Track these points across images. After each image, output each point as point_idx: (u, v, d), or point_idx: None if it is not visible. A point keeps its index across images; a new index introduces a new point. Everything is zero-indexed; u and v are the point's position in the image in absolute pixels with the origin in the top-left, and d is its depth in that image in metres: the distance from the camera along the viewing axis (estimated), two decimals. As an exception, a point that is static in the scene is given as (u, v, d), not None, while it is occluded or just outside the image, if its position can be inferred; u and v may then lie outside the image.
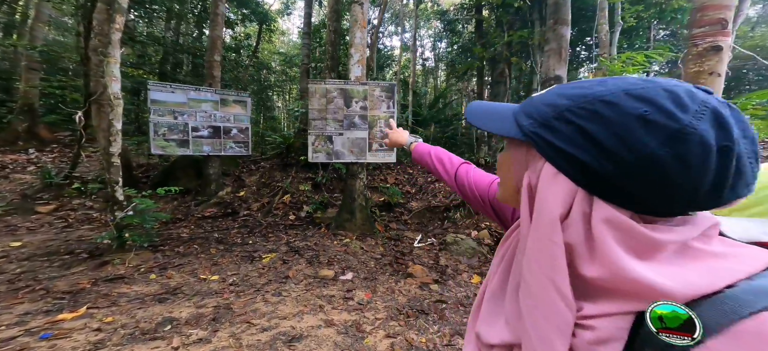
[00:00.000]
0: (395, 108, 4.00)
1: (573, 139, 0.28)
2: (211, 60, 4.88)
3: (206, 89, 4.67)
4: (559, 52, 3.00)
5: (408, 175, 6.03)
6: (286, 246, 3.73)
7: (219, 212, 4.54)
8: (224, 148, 4.75)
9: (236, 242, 3.72)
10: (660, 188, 0.26)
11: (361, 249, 3.64)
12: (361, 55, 4.04)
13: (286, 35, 22.56)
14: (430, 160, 0.81)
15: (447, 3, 15.86)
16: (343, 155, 4.02)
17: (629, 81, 0.28)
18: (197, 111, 4.46)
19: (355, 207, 4.10)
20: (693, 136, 0.24)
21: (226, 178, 5.35)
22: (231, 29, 11.00)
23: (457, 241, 3.33)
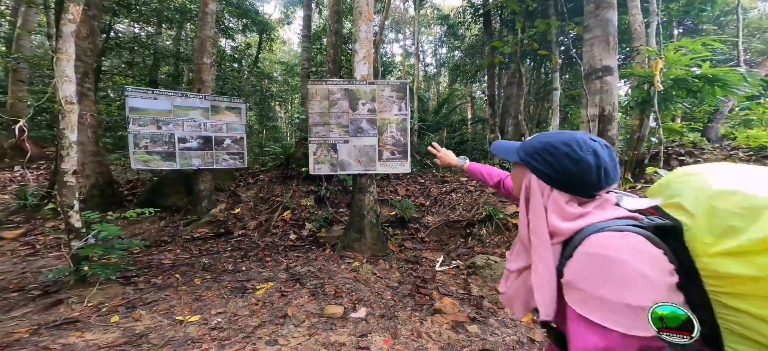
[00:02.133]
0: (408, 110, 3.51)
1: (543, 162, 0.61)
2: (201, 63, 4.44)
3: (195, 95, 4.21)
4: (605, 40, 2.51)
5: (419, 186, 5.50)
6: (285, 272, 3.18)
7: (210, 232, 4.02)
8: (216, 160, 4.26)
9: (227, 269, 3.18)
10: (576, 183, 0.58)
11: (374, 274, 3.09)
12: (367, 51, 3.57)
13: (287, 44, 22.53)
14: (481, 176, 1.14)
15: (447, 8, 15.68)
16: (349, 166, 3.51)
17: (563, 135, 0.62)
18: (184, 120, 4.00)
19: (364, 225, 3.57)
20: (583, 161, 0.57)
21: (219, 194, 4.85)
22: (231, 40, 10.77)
23: (489, 263, 2.76)
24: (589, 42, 2.61)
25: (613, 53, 2.47)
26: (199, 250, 3.60)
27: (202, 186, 4.37)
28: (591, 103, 2.43)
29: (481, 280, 2.73)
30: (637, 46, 3.83)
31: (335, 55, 6.61)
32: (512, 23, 6.91)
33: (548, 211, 0.58)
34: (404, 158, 3.49)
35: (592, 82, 2.49)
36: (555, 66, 3.62)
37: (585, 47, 2.64)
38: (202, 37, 4.63)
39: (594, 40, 2.58)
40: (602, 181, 0.56)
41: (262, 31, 12.18)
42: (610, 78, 2.43)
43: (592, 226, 0.53)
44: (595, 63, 2.53)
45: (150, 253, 3.42)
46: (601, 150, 0.57)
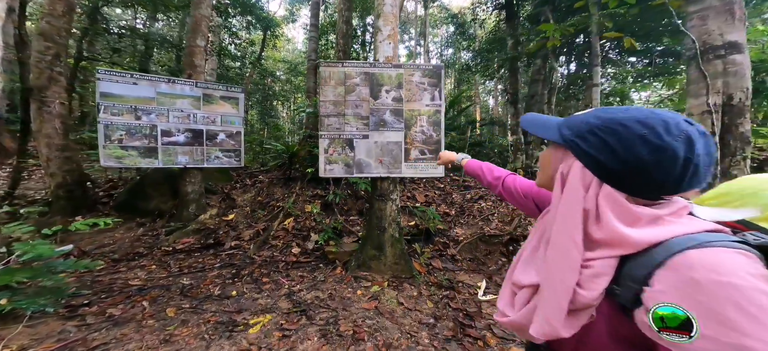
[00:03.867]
0: (442, 100, 2.87)
1: (597, 146, 0.45)
2: (193, 45, 3.81)
3: (184, 81, 3.57)
4: (728, 9, 1.90)
5: (439, 191, 4.84)
6: (287, 299, 2.52)
7: (197, 243, 3.35)
8: (207, 158, 3.61)
9: (212, 294, 2.51)
10: (643, 180, 0.43)
11: (400, 304, 2.42)
12: (392, 28, 2.95)
13: (291, 43, 22.10)
14: (481, 173, 1.01)
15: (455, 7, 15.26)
16: (368, 167, 2.86)
17: (640, 112, 0.44)
18: (170, 109, 3.35)
19: (384, 239, 2.90)
20: (668, 150, 0.40)
21: (210, 197, 4.19)
22: (236, 37, 10.32)
23: (556, 299, 2.09)
24: (699, 14, 1.99)
25: (741, 25, 1.86)
26: (180, 266, 2.92)
27: (189, 188, 3.71)
28: (712, 89, 1.79)
29: (547, 320, 2.06)
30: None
31: (346, 46, 6.02)
32: (536, 16, 6.34)
33: (602, 212, 0.44)
34: (437, 159, 2.85)
35: (711, 63, 1.84)
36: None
37: (692, 21, 2.01)
38: (197, 15, 4.02)
39: (708, 10, 1.96)
40: (686, 181, 0.42)
41: (266, 28, 11.72)
42: (740, 57, 1.82)
43: (683, 238, 0.40)
44: (713, 39, 1.90)
45: (117, 270, 2.75)
46: (697, 138, 0.41)
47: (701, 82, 1.93)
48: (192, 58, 3.81)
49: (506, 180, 0.91)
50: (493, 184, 0.95)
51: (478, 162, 1.06)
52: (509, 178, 0.91)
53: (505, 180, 0.91)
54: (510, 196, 0.88)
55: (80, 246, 3.00)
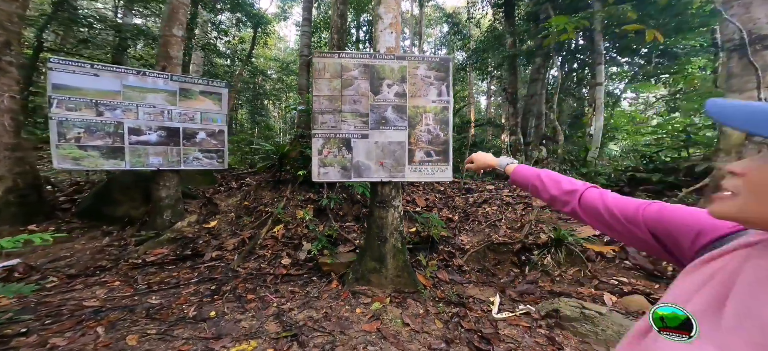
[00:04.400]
0: (451, 95, 2.61)
1: None
2: (169, 34, 3.41)
3: (157, 74, 3.18)
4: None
5: (440, 194, 4.59)
6: (275, 320, 2.20)
7: (171, 254, 2.97)
8: (185, 159, 3.23)
9: (186, 316, 2.16)
10: None
11: (405, 325, 2.13)
12: (394, 16, 2.68)
13: (283, 41, 21.56)
14: (540, 184, 0.75)
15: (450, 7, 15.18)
16: (367, 170, 2.57)
17: None
18: (140, 105, 2.97)
19: (385, 250, 2.61)
20: None
21: (190, 203, 3.79)
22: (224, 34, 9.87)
23: (586, 314, 1.85)
24: (741, 2, 1.78)
25: None
26: (149, 282, 2.54)
27: (163, 192, 3.30)
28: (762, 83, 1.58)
29: (576, 340, 1.80)
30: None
31: (340, 41, 5.72)
32: (535, 13, 6.21)
33: None
34: (444, 161, 2.58)
35: (758, 54, 1.64)
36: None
37: (732, 10, 1.81)
38: (174, 2, 3.63)
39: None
40: None
41: (257, 25, 11.31)
42: None
43: None
44: (759, 28, 1.71)
45: (72, 288, 2.35)
46: None
47: (747, 74, 1.73)
48: (167, 48, 3.41)
49: (585, 196, 0.67)
50: (561, 200, 0.71)
51: (533, 169, 0.82)
52: (590, 194, 0.66)
53: (584, 196, 0.67)
54: (594, 218, 0.64)
55: (29, 260, 2.58)
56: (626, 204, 0.59)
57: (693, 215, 0.50)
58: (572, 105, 7.10)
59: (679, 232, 0.50)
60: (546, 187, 0.75)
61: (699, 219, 0.49)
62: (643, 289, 2.11)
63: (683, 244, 0.49)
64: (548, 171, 0.79)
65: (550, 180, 0.75)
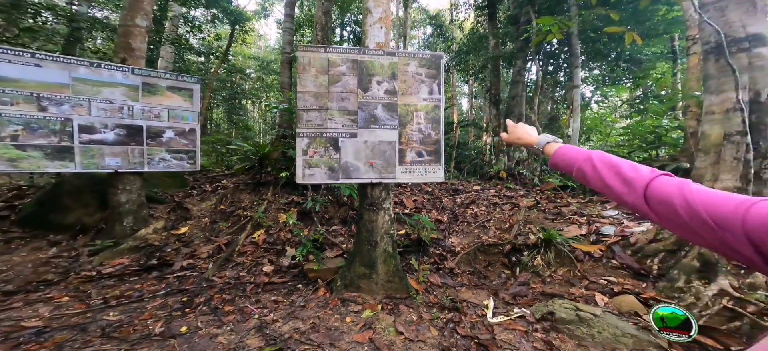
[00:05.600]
0: (442, 94, 2.54)
1: None
2: (131, 24, 3.08)
3: (115, 67, 2.86)
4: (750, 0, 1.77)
5: (428, 195, 4.54)
6: (257, 334, 2.02)
7: (134, 265, 2.65)
8: (149, 160, 2.93)
9: (152, 333, 1.91)
10: None
11: (399, 333, 2.02)
12: (384, 10, 2.57)
13: (263, 39, 20.80)
14: (589, 168, 0.60)
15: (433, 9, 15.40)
16: (356, 171, 2.44)
17: None
18: (93, 100, 2.65)
19: (375, 255, 2.49)
20: None
21: (156, 208, 3.44)
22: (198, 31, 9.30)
23: (581, 316, 1.83)
24: (718, 5, 1.86)
25: (763, 17, 1.77)
26: (105, 297, 2.24)
27: (123, 196, 2.96)
28: (741, 83, 1.63)
29: (573, 343, 1.78)
30: (691, 34, 3.34)
31: (324, 39, 5.54)
32: (516, 17, 6.39)
33: None
34: (436, 161, 2.51)
35: (734, 57, 1.70)
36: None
37: (708, 13, 1.87)
38: (140, -13, 3.29)
39: (726, 1, 1.82)
40: None
41: (235, 22, 10.79)
42: (765, 50, 1.70)
43: None
44: (736, 31, 1.76)
45: (8, 306, 2.01)
46: None
47: (724, 76, 1.80)
48: (127, 39, 3.06)
49: (655, 186, 0.50)
50: (620, 192, 0.54)
51: (582, 150, 0.65)
52: (662, 184, 0.49)
53: (653, 186, 0.50)
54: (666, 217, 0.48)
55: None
56: (718, 201, 0.43)
57: None
58: (548, 107, 7.39)
59: None
60: (599, 173, 0.58)
61: None
62: (632, 289, 2.15)
63: None
64: (602, 152, 0.62)
65: (604, 164, 0.59)
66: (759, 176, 1.67)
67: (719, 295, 1.81)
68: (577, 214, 3.51)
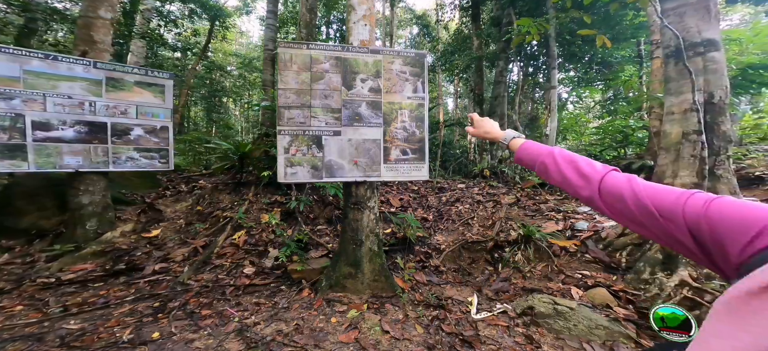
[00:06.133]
0: (426, 92, 2.56)
1: None
2: (93, 16, 2.86)
3: (74, 60, 2.66)
4: (704, 6, 1.92)
5: (414, 193, 4.56)
6: (237, 338, 1.95)
7: (98, 270, 2.47)
8: (115, 159, 2.74)
9: (119, 340, 1.79)
10: None
11: (385, 333, 2.02)
12: (368, 8, 2.55)
13: (245, 37, 20.09)
14: (551, 163, 0.63)
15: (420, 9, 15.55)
16: (340, 169, 2.40)
17: None
18: (49, 94, 2.45)
19: (361, 254, 2.47)
20: None
21: (124, 209, 3.23)
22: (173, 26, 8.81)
23: (558, 310, 1.91)
24: (677, 10, 1.98)
25: (716, 23, 1.89)
26: (65, 304, 2.07)
27: (85, 198, 2.74)
28: (697, 85, 1.75)
29: (552, 336, 1.85)
30: (655, 39, 3.57)
31: (309, 37, 5.43)
32: (498, 18, 6.57)
33: None
34: (420, 160, 2.52)
35: (691, 61, 1.82)
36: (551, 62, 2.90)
37: (668, 18, 1.99)
38: (106, -27, 3.07)
39: (684, 7, 1.96)
40: None
41: (214, 18, 10.34)
42: (718, 54, 1.81)
43: None
44: (691, 36, 1.88)
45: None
46: None
47: (683, 78, 1.93)
48: (89, 31, 2.84)
49: (607, 180, 0.54)
50: (577, 186, 0.59)
51: (544, 146, 0.69)
52: (613, 178, 0.54)
53: (606, 180, 0.54)
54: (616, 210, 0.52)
55: None
56: (661, 194, 0.47)
57: (752, 211, 0.37)
58: (529, 107, 7.66)
59: (732, 231, 0.37)
60: (559, 167, 0.63)
61: (759, 216, 0.35)
62: (604, 282, 2.26)
63: (730, 251, 0.37)
64: (563, 149, 0.68)
65: (564, 159, 0.63)
66: (713, 172, 1.81)
67: (680, 285, 1.94)
68: (554, 210, 3.65)
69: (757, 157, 3.63)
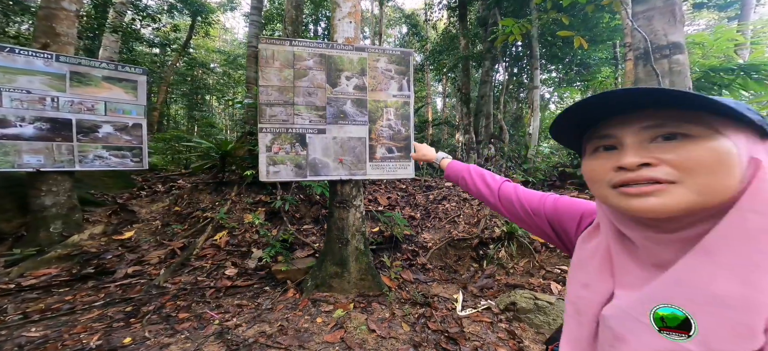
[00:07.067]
0: (412, 90, 2.55)
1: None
2: (55, 7, 2.67)
3: (33, 53, 2.49)
4: (670, 10, 2.01)
5: (402, 192, 4.57)
6: (217, 341, 1.88)
7: (64, 274, 2.32)
8: (81, 158, 2.59)
9: (84, 347, 1.69)
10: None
11: (371, 332, 2.01)
12: (353, 5, 2.52)
13: (229, 33, 19.49)
14: (469, 178, 0.82)
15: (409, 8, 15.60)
16: (325, 168, 2.36)
17: None
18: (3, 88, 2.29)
19: (347, 253, 2.44)
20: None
21: (94, 211, 3.05)
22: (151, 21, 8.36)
23: (539, 304, 1.96)
24: (646, 14, 2.06)
25: (681, 27, 1.98)
26: (25, 311, 1.94)
27: (48, 199, 2.56)
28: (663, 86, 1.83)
29: (532, 331, 1.89)
30: (628, 41, 3.72)
31: (295, 34, 5.31)
32: (485, 18, 6.68)
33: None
34: (406, 157, 2.51)
35: (658, 63, 1.90)
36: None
37: (638, 21, 2.07)
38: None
39: (652, 11, 2.04)
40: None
41: (196, 13, 9.96)
42: (682, 57, 1.90)
43: None
44: (658, 39, 1.97)
45: None
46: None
47: (651, 80, 2.01)
48: (51, 23, 2.65)
49: (502, 189, 0.73)
50: (484, 193, 0.76)
51: (464, 164, 0.88)
52: (506, 187, 0.73)
53: (501, 189, 0.73)
54: (509, 210, 0.70)
55: None
56: (532, 197, 0.66)
57: (576, 204, 0.57)
58: (513, 107, 7.84)
59: (569, 219, 0.57)
60: (474, 181, 0.80)
61: (580, 207, 0.56)
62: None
63: (570, 230, 0.56)
64: (476, 166, 0.84)
65: (477, 174, 0.81)
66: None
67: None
68: (538, 207, 3.75)
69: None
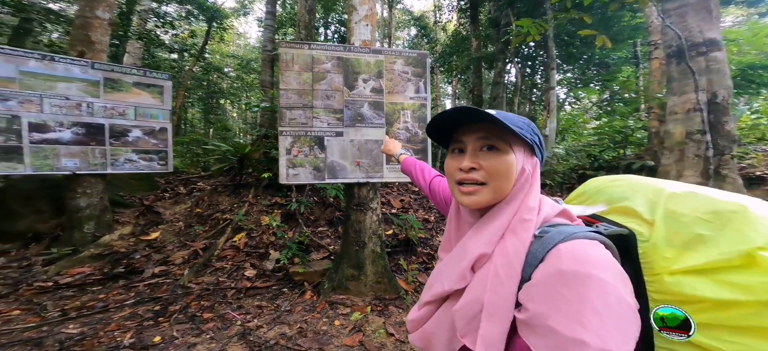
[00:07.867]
0: (428, 92, 2.55)
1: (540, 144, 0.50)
2: (90, 16, 2.84)
3: (71, 60, 2.64)
4: (705, 6, 1.93)
5: (414, 195, 4.55)
6: (240, 342, 1.93)
7: (97, 273, 2.44)
8: (113, 161, 2.72)
9: (120, 345, 1.76)
10: None
11: (389, 335, 2.01)
12: (369, 8, 2.55)
13: (242, 38, 20.06)
14: (414, 172, 0.96)
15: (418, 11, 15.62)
16: (343, 170, 2.39)
17: None
18: (46, 95, 2.43)
19: (363, 256, 2.45)
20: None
21: (123, 212, 3.19)
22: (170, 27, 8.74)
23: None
24: (678, 11, 1.99)
25: (717, 23, 1.90)
26: (64, 308, 2.04)
27: (82, 201, 2.71)
28: (700, 85, 1.76)
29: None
30: (654, 40, 3.60)
31: (308, 38, 5.41)
32: (496, 19, 6.59)
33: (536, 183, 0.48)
34: (423, 160, 2.51)
35: (693, 61, 1.82)
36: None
37: (670, 18, 2.00)
38: (103, -26, 3.04)
39: (686, 7, 1.97)
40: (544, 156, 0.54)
41: (211, 19, 10.31)
42: (720, 54, 1.83)
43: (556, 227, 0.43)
44: (693, 36, 1.89)
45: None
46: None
47: (686, 78, 1.94)
48: (87, 31, 2.81)
49: (432, 182, 0.86)
50: (423, 186, 0.91)
51: (414, 160, 1.00)
52: (435, 181, 0.86)
53: (432, 182, 0.86)
54: (434, 199, 0.85)
55: None
56: (444, 186, 0.81)
57: None
58: (526, 108, 7.69)
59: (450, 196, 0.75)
60: (418, 174, 0.93)
61: None
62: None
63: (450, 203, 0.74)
64: (423, 162, 0.97)
65: (420, 170, 0.93)
66: (718, 172, 1.80)
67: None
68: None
69: (756, 156, 3.67)
